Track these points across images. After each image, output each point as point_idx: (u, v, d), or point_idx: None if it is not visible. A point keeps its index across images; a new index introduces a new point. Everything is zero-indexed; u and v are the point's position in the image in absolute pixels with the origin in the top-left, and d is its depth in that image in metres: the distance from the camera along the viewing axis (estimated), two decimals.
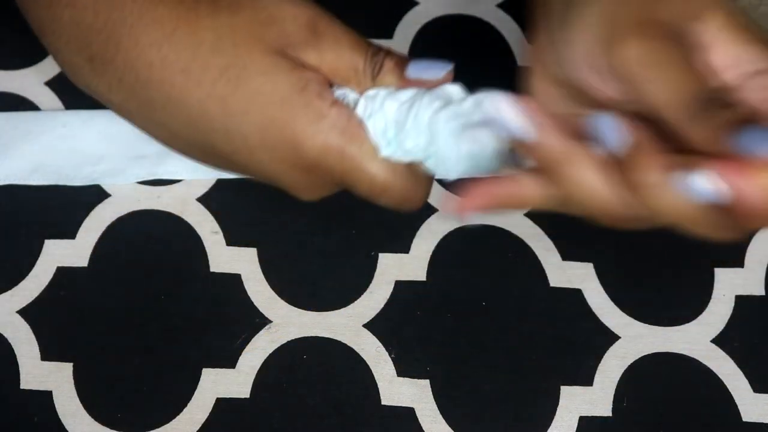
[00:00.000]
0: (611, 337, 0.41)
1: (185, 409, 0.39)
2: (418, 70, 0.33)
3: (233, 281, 0.42)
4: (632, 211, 0.30)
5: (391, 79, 0.33)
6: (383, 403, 0.39)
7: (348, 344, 0.40)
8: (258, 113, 0.32)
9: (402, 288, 0.42)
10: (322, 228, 0.43)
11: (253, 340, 0.40)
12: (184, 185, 0.44)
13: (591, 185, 0.30)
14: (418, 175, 0.34)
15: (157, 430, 0.39)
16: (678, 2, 0.31)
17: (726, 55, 0.31)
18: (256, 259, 0.42)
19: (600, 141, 0.30)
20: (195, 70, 0.32)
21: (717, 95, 0.29)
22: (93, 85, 0.35)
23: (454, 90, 0.33)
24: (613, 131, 0.30)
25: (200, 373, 0.40)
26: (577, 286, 0.42)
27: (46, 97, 0.45)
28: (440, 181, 0.41)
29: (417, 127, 0.32)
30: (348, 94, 0.33)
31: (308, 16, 0.33)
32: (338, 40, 0.33)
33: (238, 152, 0.33)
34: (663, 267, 0.43)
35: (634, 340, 0.41)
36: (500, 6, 0.48)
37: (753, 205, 0.28)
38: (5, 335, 0.40)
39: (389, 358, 0.40)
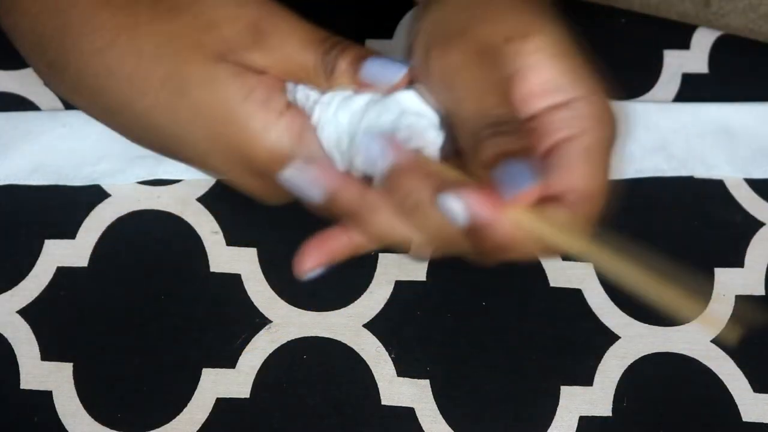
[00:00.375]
0: (611, 337, 0.41)
1: (185, 409, 0.39)
2: (371, 72, 0.31)
3: (233, 281, 0.42)
4: (436, 241, 0.30)
5: (345, 81, 0.31)
6: (383, 403, 0.39)
7: (348, 344, 0.40)
8: (203, 123, 0.31)
9: (402, 288, 0.42)
10: (322, 228, 0.43)
11: (253, 340, 0.40)
12: (184, 185, 0.44)
13: (388, 227, 0.30)
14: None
15: (157, 430, 0.39)
16: (498, 21, 0.30)
17: (537, 82, 0.29)
18: (256, 259, 0.42)
19: (368, 163, 0.29)
20: (138, 80, 0.31)
21: (511, 121, 0.28)
22: (58, 90, 0.34)
23: (408, 98, 0.31)
24: (376, 151, 0.29)
25: (200, 373, 0.40)
26: (577, 286, 0.42)
27: (46, 97, 0.45)
28: None
29: None
30: (309, 93, 0.31)
31: (250, 16, 0.31)
32: (285, 39, 0.31)
33: (193, 158, 0.32)
34: (663, 267, 0.43)
35: (634, 340, 0.41)
36: None
37: (498, 237, 0.27)
38: (5, 335, 0.40)
39: (389, 358, 0.40)
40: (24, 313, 0.41)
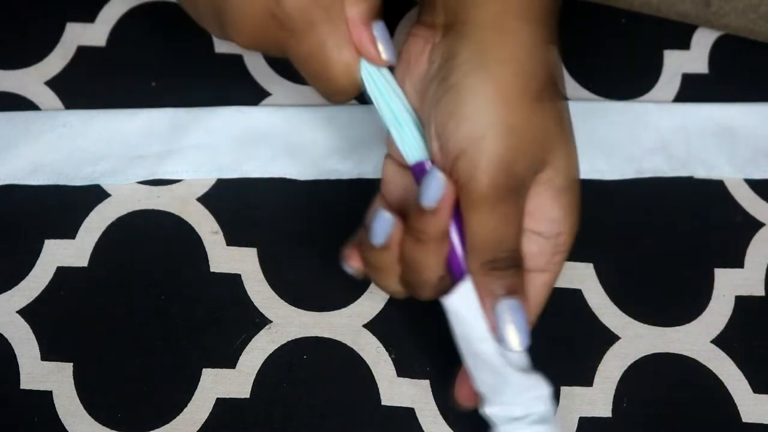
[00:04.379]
0: (611, 337, 0.41)
1: (185, 409, 0.39)
2: (378, 36, 0.32)
3: (233, 281, 0.42)
4: None
5: (357, 11, 0.32)
6: (383, 403, 0.39)
7: (348, 344, 0.40)
8: None
9: None
10: (322, 228, 0.43)
11: (253, 340, 0.40)
12: (184, 185, 0.44)
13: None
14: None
15: (157, 430, 0.39)
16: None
17: (535, 206, 0.33)
18: (256, 259, 0.42)
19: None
20: None
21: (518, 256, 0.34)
22: None
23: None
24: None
25: (200, 373, 0.40)
26: (577, 286, 0.42)
27: (46, 97, 0.45)
28: None
29: None
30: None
31: None
32: None
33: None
34: (663, 267, 0.43)
35: (634, 340, 0.41)
36: None
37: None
38: (5, 335, 0.40)
39: (389, 358, 0.40)
40: (24, 313, 0.41)
